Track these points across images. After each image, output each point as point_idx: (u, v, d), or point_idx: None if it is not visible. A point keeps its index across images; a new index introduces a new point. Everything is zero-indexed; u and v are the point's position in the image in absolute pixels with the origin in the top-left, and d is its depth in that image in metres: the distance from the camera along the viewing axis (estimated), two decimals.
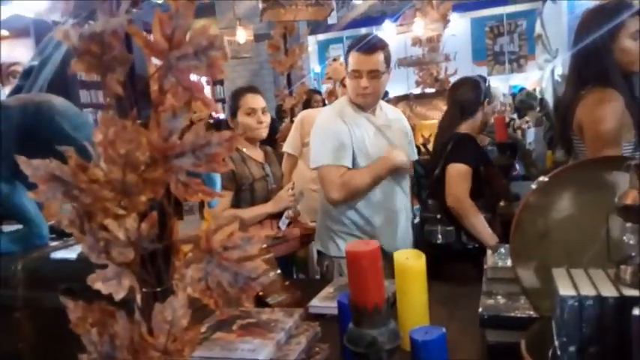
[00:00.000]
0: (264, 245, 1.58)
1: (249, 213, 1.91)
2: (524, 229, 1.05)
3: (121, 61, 0.62)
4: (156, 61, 0.65)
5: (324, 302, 1.46)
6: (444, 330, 0.89)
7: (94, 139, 0.64)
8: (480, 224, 1.84)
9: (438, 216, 1.94)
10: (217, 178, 1.16)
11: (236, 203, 1.97)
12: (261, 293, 1.42)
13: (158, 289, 0.69)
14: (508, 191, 2.32)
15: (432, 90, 3.51)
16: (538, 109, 3.81)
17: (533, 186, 1.04)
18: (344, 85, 2.31)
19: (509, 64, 9.30)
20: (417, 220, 2.03)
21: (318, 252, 2.01)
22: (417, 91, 3.47)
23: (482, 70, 7.98)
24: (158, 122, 0.63)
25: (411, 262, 1.17)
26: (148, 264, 0.67)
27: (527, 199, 1.05)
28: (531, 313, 1.11)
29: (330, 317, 1.35)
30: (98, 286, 0.63)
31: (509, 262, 1.28)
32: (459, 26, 8.06)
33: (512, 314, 1.12)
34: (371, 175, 1.78)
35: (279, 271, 1.53)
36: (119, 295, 0.64)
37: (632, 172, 0.87)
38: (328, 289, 1.55)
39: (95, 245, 0.64)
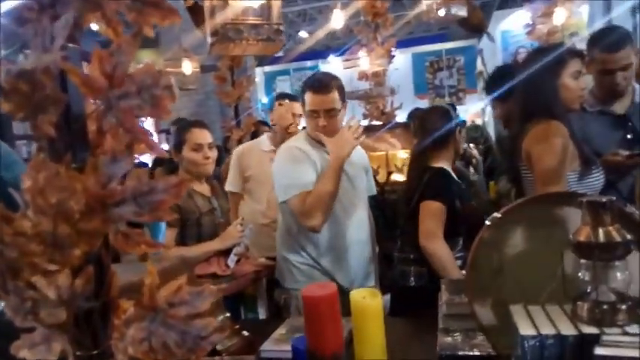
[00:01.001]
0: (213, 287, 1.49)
1: (195, 250, 1.83)
2: (479, 265, 1.04)
3: (53, 100, 0.56)
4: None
5: (276, 346, 1.39)
6: None
7: (23, 186, 0.57)
8: (450, 267, 1.70)
9: (412, 256, 1.83)
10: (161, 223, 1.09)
11: (182, 239, 1.88)
12: None
13: (94, 352, 0.61)
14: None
15: (379, 122, 3.57)
16: (483, 141, 3.94)
17: (488, 222, 1.04)
18: (289, 133, 2.31)
19: (449, 97, 9.70)
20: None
21: (276, 284, 1.94)
22: (365, 123, 3.52)
23: (424, 104, 8.25)
24: (96, 167, 0.57)
25: (368, 301, 1.13)
26: (82, 324, 0.60)
27: (482, 235, 1.05)
28: (490, 350, 1.09)
29: None
30: (24, 354, 0.55)
31: (465, 298, 1.28)
32: (401, 61, 8.37)
33: (470, 353, 1.11)
34: (329, 176, 1.73)
35: (227, 314, 1.45)
36: None
37: (584, 209, 0.88)
38: (280, 331, 1.48)
39: (21, 306, 0.56)
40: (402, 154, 3.35)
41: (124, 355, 0.59)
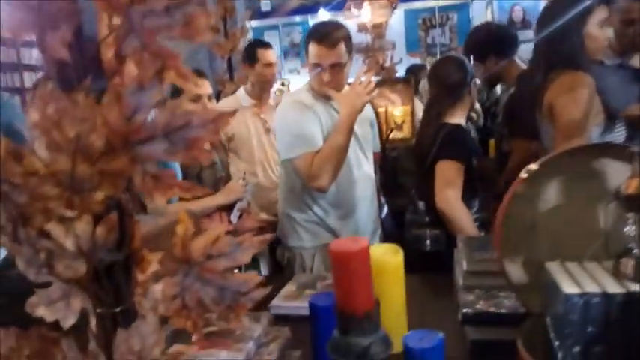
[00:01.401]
0: None
1: (199, 205, 1.75)
2: (511, 220, 0.99)
3: (66, 14, 0.47)
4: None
5: (287, 302, 1.34)
6: (441, 336, 0.81)
7: (28, 121, 0.49)
8: (471, 232, 1.61)
9: (427, 219, 1.74)
10: (177, 169, 1.01)
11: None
12: None
13: (118, 310, 0.54)
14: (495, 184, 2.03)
15: (378, 77, 3.46)
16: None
17: (523, 175, 0.97)
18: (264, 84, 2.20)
19: (441, 55, 9.51)
20: (384, 213, 1.88)
21: (278, 243, 1.89)
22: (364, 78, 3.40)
23: (416, 62, 8.10)
24: (118, 96, 0.48)
25: (389, 257, 1.08)
26: (103, 278, 0.53)
27: (515, 190, 0.99)
28: (513, 308, 1.05)
29: (294, 318, 1.24)
30: (41, 312, 0.47)
31: (487, 255, 1.23)
32: (394, 18, 8.13)
33: (496, 310, 1.06)
34: (340, 133, 1.64)
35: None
36: (68, 321, 0.50)
37: (634, 161, 0.82)
38: (290, 287, 1.43)
39: (34, 258, 0.49)
40: (401, 111, 3.26)
41: (153, 312, 0.52)
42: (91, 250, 0.51)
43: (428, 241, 1.67)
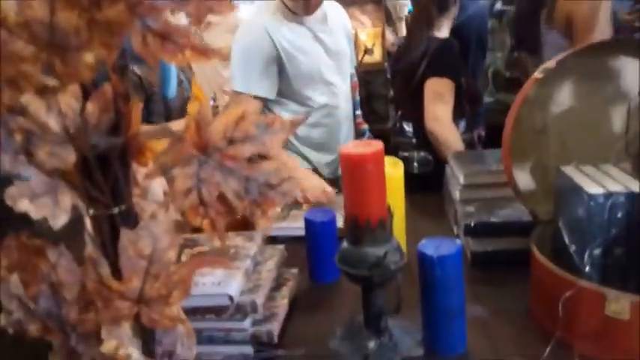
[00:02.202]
0: None
1: (178, 125, 1.61)
2: (521, 125, 0.93)
3: None
4: None
5: (275, 223, 1.27)
6: (458, 243, 0.75)
7: None
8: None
9: (414, 140, 1.65)
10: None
11: (147, 117, 1.64)
12: None
13: (115, 211, 0.44)
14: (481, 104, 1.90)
15: None
16: None
17: (537, 75, 0.90)
18: None
19: None
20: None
21: None
22: None
23: None
24: None
25: (390, 170, 1.01)
26: (97, 173, 0.42)
27: (527, 92, 0.92)
28: (518, 219, 1.02)
29: (282, 240, 1.17)
30: (23, 206, 0.37)
31: (482, 168, 1.18)
32: None
33: (501, 221, 1.03)
34: None
35: None
36: (59, 220, 0.40)
37: None
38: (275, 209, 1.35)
39: (8, 142, 0.38)
40: (372, 34, 3.12)
41: (165, 212, 0.42)
42: (80, 133, 0.40)
43: (415, 164, 1.61)
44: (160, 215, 0.42)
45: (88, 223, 0.42)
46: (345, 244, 0.77)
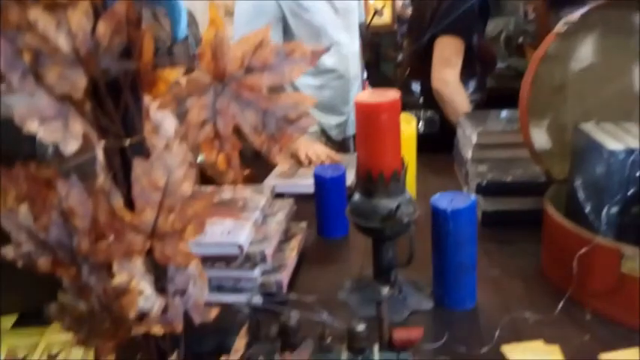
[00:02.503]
0: None
1: None
2: (539, 81, 0.90)
3: None
4: None
5: (281, 180, 1.26)
6: (473, 196, 0.74)
7: None
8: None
9: (421, 100, 1.62)
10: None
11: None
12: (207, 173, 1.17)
13: (128, 143, 0.43)
14: (495, 65, 1.88)
15: None
16: None
17: (560, 28, 0.87)
18: None
19: None
20: None
21: None
22: None
23: None
24: None
25: (402, 126, 0.99)
26: (108, 102, 0.41)
27: (547, 48, 0.89)
28: (531, 179, 1.00)
29: (290, 197, 1.16)
30: (32, 127, 0.36)
31: (499, 126, 1.16)
32: None
33: (514, 180, 1.01)
34: None
35: None
36: (69, 146, 0.38)
37: None
38: (281, 167, 1.34)
39: (17, 60, 0.36)
40: None
41: (181, 142, 0.41)
42: (91, 56, 0.38)
43: (421, 123, 1.58)
44: (174, 146, 0.40)
45: (99, 154, 0.41)
46: (356, 196, 0.76)
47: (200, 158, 1.29)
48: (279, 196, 1.15)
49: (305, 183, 1.19)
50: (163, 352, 0.50)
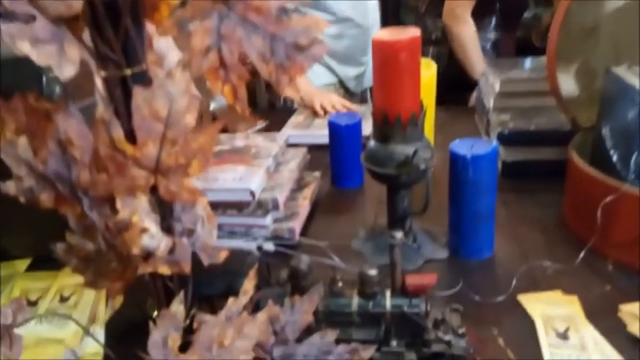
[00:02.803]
0: None
1: None
2: (569, 24, 0.84)
3: None
4: None
5: (296, 131, 1.23)
6: (495, 143, 0.71)
7: None
8: (471, 54, 1.48)
9: (433, 36, 1.59)
10: None
11: None
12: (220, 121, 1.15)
13: (128, 73, 0.40)
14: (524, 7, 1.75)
15: None
16: None
17: None
18: None
19: None
20: None
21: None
22: None
23: None
24: None
25: (423, 71, 0.94)
26: (107, 27, 0.38)
27: None
28: (555, 128, 0.96)
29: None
30: (25, 48, 0.33)
31: (523, 75, 1.10)
32: None
33: (537, 129, 0.97)
34: None
35: None
36: (65, 71, 0.36)
37: None
38: (297, 118, 1.31)
39: None
40: None
41: (183, 71, 0.38)
42: None
43: (429, 56, 1.54)
44: (177, 74, 0.38)
45: (98, 83, 0.39)
46: (372, 142, 0.73)
47: (213, 105, 1.27)
48: (294, 146, 1.13)
49: (320, 133, 1.17)
50: (171, 293, 0.49)
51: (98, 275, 0.50)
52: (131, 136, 0.39)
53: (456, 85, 1.43)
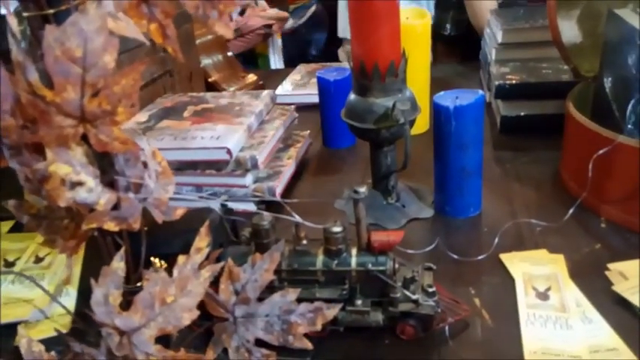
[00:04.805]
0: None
1: None
2: None
3: None
4: None
5: (291, 90, 1.20)
6: (481, 93, 0.66)
7: None
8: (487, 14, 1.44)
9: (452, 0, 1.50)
10: None
11: None
12: (211, 79, 1.12)
13: (51, 11, 0.38)
14: None
15: None
16: None
17: None
18: None
19: None
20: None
21: None
22: None
23: None
24: None
25: (415, 21, 0.89)
26: None
27: None
28: (558, 79, 0.90)
29: (300, 107, 1.10)
30: None
31: (528, 24, 1.03)
32: None
33: (539, 81, 0.91)
34: None
35: (230, 53, 1.21)
36: None
37: None
38: (294, 76, 1.27)
39: None
40: None
41: (97, 6, 0.35)
42: None
43: (448, 25, 1.46)
44: (90, 10, 0.35)
45: (11, 21, 0.36)
46: (351, 95, 0.69)
47: (204, 61, 1.23)
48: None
49: (315, 92, 1.13)
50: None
51: (51, 232, 0.49)
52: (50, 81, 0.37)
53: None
